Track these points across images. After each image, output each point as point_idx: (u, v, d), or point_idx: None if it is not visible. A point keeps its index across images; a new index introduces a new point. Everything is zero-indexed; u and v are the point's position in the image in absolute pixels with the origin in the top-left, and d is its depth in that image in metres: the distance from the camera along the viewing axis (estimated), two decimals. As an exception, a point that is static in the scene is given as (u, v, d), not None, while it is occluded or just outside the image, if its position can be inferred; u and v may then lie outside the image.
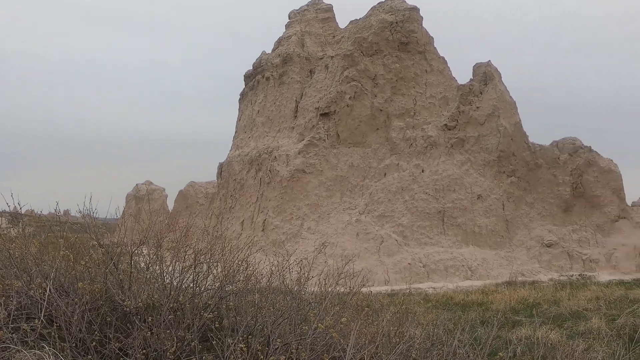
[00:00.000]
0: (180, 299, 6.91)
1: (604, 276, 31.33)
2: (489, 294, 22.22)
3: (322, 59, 39.73)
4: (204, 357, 6.03)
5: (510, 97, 36.84)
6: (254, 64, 44.34)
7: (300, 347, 6.41)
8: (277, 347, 6.34)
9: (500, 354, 8.50)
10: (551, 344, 10.46)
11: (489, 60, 37.16)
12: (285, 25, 43.95)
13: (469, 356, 7.93)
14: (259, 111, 40.99)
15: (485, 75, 36.38)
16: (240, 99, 46.09)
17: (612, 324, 14.31)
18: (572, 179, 36.12)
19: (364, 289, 21.13)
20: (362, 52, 36.54)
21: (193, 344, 6.23)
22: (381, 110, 35.61)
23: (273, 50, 43.26)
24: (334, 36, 41.36)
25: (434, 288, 26.96)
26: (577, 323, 14.78)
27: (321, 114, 35.88)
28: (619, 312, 16.11)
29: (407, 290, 25.26)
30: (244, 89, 45.58)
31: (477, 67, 37.20)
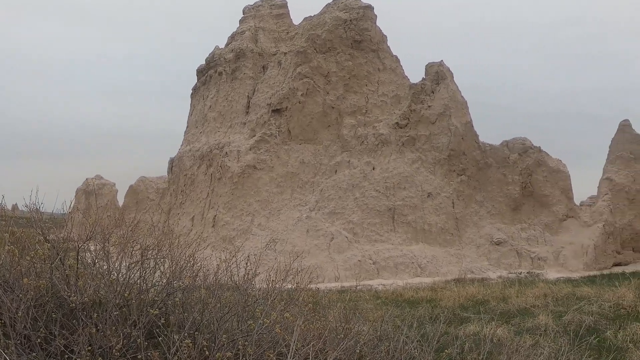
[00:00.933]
0: (126, 295, 6.81)
1: (552, 274, 31.77)
2: (438, 291, 22.32)
3: (275, 55, 39.65)
4: (149, 354, 5.96)
5: (462, 96, 37.14)
6: (207, 58, 44.10)
7: (246, 343, 6.41)
8: (223, 343, 6.30)
9: (448, 350, 8.59)
10: (498, 340, 10.61)
11: (442, 60, 37.43)
12: (240, 21, 43.70)
13: (416, 352, 8.03)
14: (210, 106, 40.75)
15: (438, 74, 36.63)
16: (192, 94, 45.79)
17: (559, 321, 14.53)
18: (522, 178, 36.56)
19: (313, 286, 21.18)
20: (315, 49, 36.52)
21: (139, 340, 6.11)
22: (333, 107, 35.64)
23: (226, 45, 43.04)
24: (287, 32, 41.27)
25: (383, 285, 27.05)
26: (524, 320, 14.97)
27: (273, 110, 35.78)
28: (566, 309, 16.35)
29: (357, 287, 25.32)
30: (196, 84, 45.31)
31: (429, 67, 37.43)
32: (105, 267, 7.89)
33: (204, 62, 44.50)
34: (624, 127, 40.97)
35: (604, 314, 16.35)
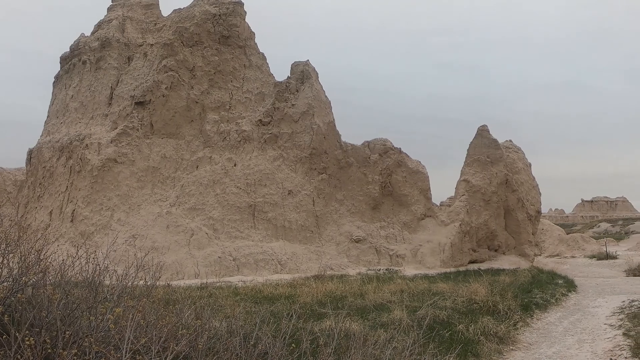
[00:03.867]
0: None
1: (410, 271, 32.55)
2: (297, 287, 22.65)
3: (141, 46, 39.02)
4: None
5: (326, 96, 37.55)
6: (71, 46, 42.75)
7: (92, 339, 6.41)
8: (69, 340, 6.28)
9: (301, 345, 8.77)
10: (353, 334, 10.87)
11: (308, 60, 37.74)
12: (108, 9, 42.45)
13: (269, 347, 8.17)
14: (73, 96, 39.53)
15: (303, 74, 36.92)
16: (54, 82, 44.21)
17: (414, 315, 15.03)
18: (382, 178, 37.24)
19: (173, 282, 21.05)
20: (182, 43, 36.18)
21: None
22: (197, 102, 35.41)
23: (92, 33, 41.79)
24: (155, 24, 40.59)
25: (243, 281, 27.15)
26: (380, 315, 15.42)
27: (136, 103, 35.18)
28: (421, 304, 16.93)
29: (218, 284, 25.33)
30: (59, 72, 43.82)
31: (295, 66, 37.68)
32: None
33: (68, 50, 43.25)
34: (482, 132, 42.25)
35: (457, 309, 17.10)
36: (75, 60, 41.09)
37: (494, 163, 41.04)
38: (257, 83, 37.01)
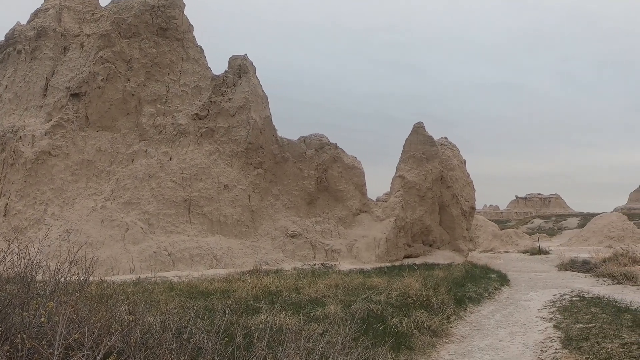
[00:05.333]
0: None
1: (345, 265, 32.75)
2: (232, 282, 22.56)
3: (78, 36, 38.41)
4: None
5: (263, 91, 37.51)
6: (6, 35, 41.89)
7: (24, 335, 6.37)
8: (1, 337, 6.20)
9: (235, 339, 8.81)
10: (287, 328, 10.94)
11: (245, 54, 37.59)
12: (44, -3, 41.93)
13: (203, 342, 8.20)
14: (7, 86, 38.71)
15: (241, 68, 36.83)
16: (-12, 73, 43.60)
17: (348, 309, 15.15)
18: (318, 173, 37.38)
19: (108, 278, 20.90)
20: (119, 34, 35.71)
21: None
22: (133, 94, 35.03)
23: (28, 22, 40.96)
24: (93, 14, 39.99)
25: (179, 277, 26.97)
26: (315, 309, 15.48)
27: (72, 95, 34.57)
28: (356, 298, 17.06)
29: (153, 279, 25.19)
30: (-7, 61, 43.18)
31: (233, 60, 37.53)
32: None
33: (3, 39, 42.48)
34: (418, 128, 42.65)
35: (391, 303, 17.27)
36: (10, 50, 40.35)
37: (430, 159, 41.47)
38: (194, 76, 36.81)
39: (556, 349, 12.87)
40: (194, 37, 38.46)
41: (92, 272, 10.52)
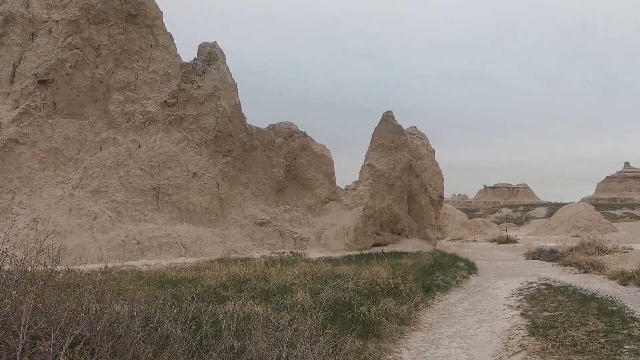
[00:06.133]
0: None
1: (314, 254, 32.83)
2: (201, 270, 22.51)
3: (46, 22, 37.92)
4: None
5: (232, 79, 37.33)
6: (-26, 21, 41.64)
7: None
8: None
9: (203, 327, 8.82)
10: (255, 317, 10.96)
11: (215, 42, 37.32)
12: (12, -18, 41.39)
13: (171, 330, 8.20)
14: (-27, 73, 38.45)
15: (210, 55, 36.63)
16: (-45, 58, 43.04)
17: (316, 297, 15.22)
18: (286, 161, 37.41)
19: (76, 267, 20.78)
20: (88, 20, 35.31)
21: None
22: (102, 82, 34.69)
23: (-5, 8, 40.75)
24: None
25: (147, 265, 26.83)
26: (283, 297, 15.54)
27: (39, 81, 34.16)
28: (324, 286, 17.13)
29: (121, 268, 25.05)
30: (-41, 48, 42.63)
31: (202, 47, 37.29)
32: None
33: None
34: (387, 117, 42.83)
35: (360, 291, 17.39)
36: (-23, 36, 39.88)
37: (398, 148, 41.65)
38: (163, 63, 36.57)
39: (523, 337, 13.02)
40: (163, 24, 38.13)
41: (60, 261, 10.46)
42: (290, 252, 33.31)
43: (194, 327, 8.55)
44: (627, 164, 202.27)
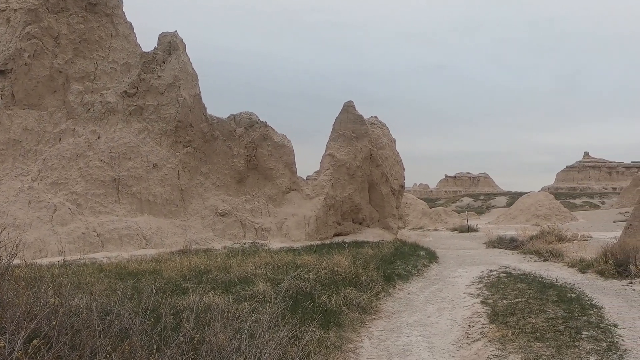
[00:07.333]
0: None
1: (275, 244, 32.92)
2: (162, 262, 22.44)
3: (4, 11, 37.36)
4: None
5: (193, 69, 37.14)
6: None
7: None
8: None
9: (163, 319, 8.81)
10: (215, 308, 10.96)
11: (176, 31, 37.11)
12: (-32, -30, 40.78)
13: (131, 323, 8.18)
14: None
15: (171, 45, 36.43)
16: None
17: (277, 288, 15.24)
18: (247, 151, 37.38)
19: (36, 260, 20.60)
20: (47, 9, 34.86)
21: None
22: (61, 72, 34.34)
23: (-49, -4, 40.14)
24: (20, -12, 39.20)
25: (108, 258, 26.64)
26: (244, 288, 15.54)
27: (-3, 72, 33.99)
28: (285, 276, 17.16)
29: (82, 261, 24.86)
30: None
31: (162, 37, 37.05)
32: None
33: None
34: (348, 107, 42.92)
35: (321, 280, 17.46)
36: None
37: (359, 138, 41.78)
38: (123, 53, 36.27)
39: (483, 324, 13.15)
40: (123, 13, 37.79)
41: (17, 255, 10.36)
42: (252, 243, 33.33)
43: (154, 320, 8.54)
44: (586, 154, 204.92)
